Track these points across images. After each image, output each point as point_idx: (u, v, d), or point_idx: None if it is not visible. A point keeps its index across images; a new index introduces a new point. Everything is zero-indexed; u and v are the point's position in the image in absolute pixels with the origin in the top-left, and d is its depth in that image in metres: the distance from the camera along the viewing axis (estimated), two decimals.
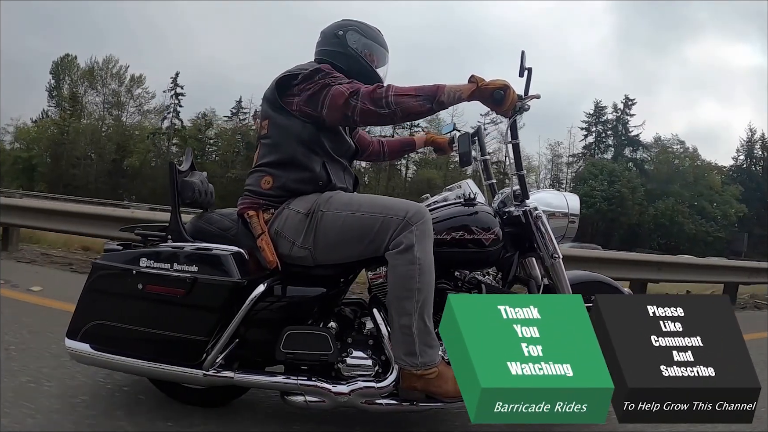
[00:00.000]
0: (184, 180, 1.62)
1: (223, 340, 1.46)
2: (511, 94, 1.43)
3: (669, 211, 34.57)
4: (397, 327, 1.44)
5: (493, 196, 1.78)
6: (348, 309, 1.63)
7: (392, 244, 1.44)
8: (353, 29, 1.67)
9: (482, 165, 1.78)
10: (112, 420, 1.55)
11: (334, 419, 1.66)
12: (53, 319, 2.46)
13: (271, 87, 1.58)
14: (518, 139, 1.61)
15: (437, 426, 1.70)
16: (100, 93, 36.53)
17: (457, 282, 1.62)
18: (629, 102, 40.07)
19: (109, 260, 1.50)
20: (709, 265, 6.28)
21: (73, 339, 1.52)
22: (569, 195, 1.75)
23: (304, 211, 1.51)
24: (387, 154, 2.03)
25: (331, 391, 1.47)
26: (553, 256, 1.60)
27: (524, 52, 1.50)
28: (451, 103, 1.44)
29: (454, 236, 1.55)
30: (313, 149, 1.55)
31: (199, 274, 1.43)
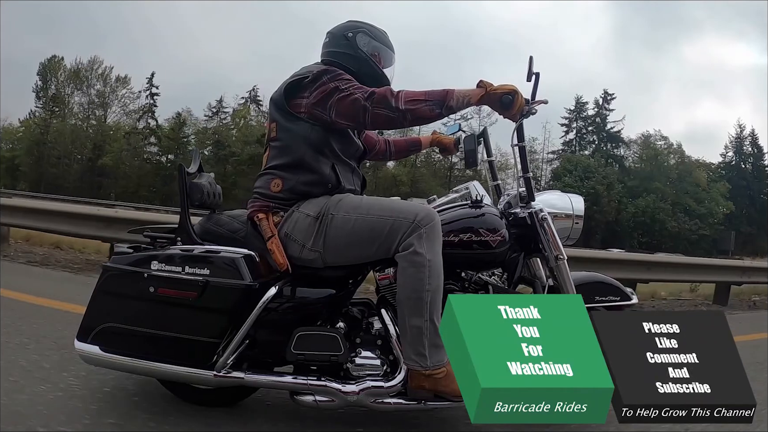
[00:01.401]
0: (193, 182, 1.62)
1: (235, 341, 1.47)
2: (519, 99, 1.45)
3: (650, 209, 34.09)
4: (406, 327, 1.46)
5: (498, 197, 1.80)
6: (355, 309, 1.65)
7: (402, 246, 1.47)
8: (363, 31, 1.67)
9: (487, 166, 1.80)
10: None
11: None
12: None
13: (280, 90, 1.59)
14: (525, 142, 1.63)
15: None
16: (86, 94, 37.28)
17: (464, 283, 1.64)
18: (608, 97, 39.20)
19: (120, 263, 1.51)
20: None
21: (84, 341, 1.53)
22: (573, 196, 1.78)
23: (314, 214, 1.52)
24: (393, 153, 2.05)
25: (341, 391, 1.49)
26: (558, 257, 1.62)
27: (532, 57, 1.52)
28: (460, 107, 1.46)
29: (461, 238, 1.58)
30: (321, 152, 1.56)
31: (211, 277, 1.44)
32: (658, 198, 34.57)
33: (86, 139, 35.90)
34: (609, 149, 38.63)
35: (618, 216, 34.48)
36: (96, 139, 35.73)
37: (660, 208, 34.23)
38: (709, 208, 35.25)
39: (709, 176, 37.61)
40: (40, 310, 2.73)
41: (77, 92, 36.99)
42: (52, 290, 3.31)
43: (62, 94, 36.83)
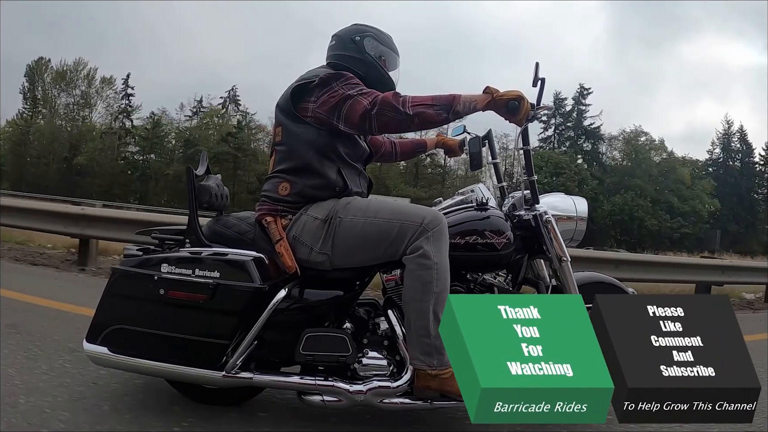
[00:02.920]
0: (201, 184, 1.63)
1: (245, 342, 1.49)
2: (525, 105, 1.47)
3: (627, 206, 32.98)
4: (413, 328, 1.48)
5: (502, 199, 1.82)
6: (362, 310, 1.67)
7: (409, 249, 1.48)
8: (370, 36, 1.68)
9: (492, 168, 1.82)
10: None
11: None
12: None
13: (286, 95, 1.59)
14: (529, 146, 1.66)
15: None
16: (71, 95, 38.27)
17: (470, 284, 1.66)
18: (584, 91, 37.79)
19: (130, 265, 1.52)
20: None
21: (93, 342, 1.54)
22: (577, 198, 1.80)
23: (322, 217, 1.54)
24: (399, 154, 2.06)
25: (349, 391, 1.51)
26: (562, 259, 1.65)
27: (538, 63, 1.53)
28: (466, 112, 1.47)
29: (467, 240, 1.60)
30: (327, 156, 1.58)
31: (221, 279, 1.45)
32: (637, 195, 33.37)
33: (64, 139, 36.91)
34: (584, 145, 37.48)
35: (593, 214, 33.82)
36: (72, 139, 36.84)
37: (639, 205, 33.15)
38: (693, 206, 34.14)
39: (695, 173, 36.43)
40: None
41: (63, 93, 38.19)
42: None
43: (48, 96, 38.07)
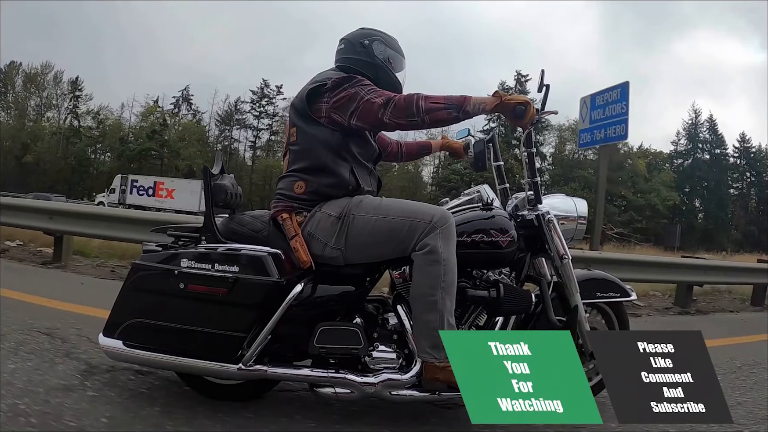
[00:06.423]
0: (216, 183, 1.68)
1: (262, 336, 1.54)
2: (531, 110, 1.55)
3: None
4: (422, 322, 1.55)
5: (505, 200, 1.90)
6: (371, 306, 1.74)
7: (419, 246, 1.55)
8: (378, 39, 1.75)
9: (495, 170, 1.90)
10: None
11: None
12: None
13: (301, 96, 1.66)
14: (533, 149, 1.74)
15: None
16: (39, 96, 40.23)
17: (475, 281, 1.73)
18: (521, 78, 35.11)
19: (150, 260, 1.56)
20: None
21: (110, 336, 1.58)
22: (577, 200, 1.89)
23: (336, 214, 1.60)
24: (404, 155, 2.13)
25: (360, 383, 1.57)
26: (563, 257, 1.73)
27: (544, 70, 1.61)
28: (475, 113, 1.55)
29: (473, 238, 1.67)
30: (341, 156, 1.64)
31: (240, 274, 1.51)
32: (579, 187, 30.58)
33: (18, 139, 38.97)
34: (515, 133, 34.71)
35: None
36: (24, 138, 38.99)
37: (580, 197, 31.90)
38: (649, 199, 32.08)
39: (653, 164, 34.09)
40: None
41: (33, 96, 40.31)
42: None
43: (18, 98, 40.70)
